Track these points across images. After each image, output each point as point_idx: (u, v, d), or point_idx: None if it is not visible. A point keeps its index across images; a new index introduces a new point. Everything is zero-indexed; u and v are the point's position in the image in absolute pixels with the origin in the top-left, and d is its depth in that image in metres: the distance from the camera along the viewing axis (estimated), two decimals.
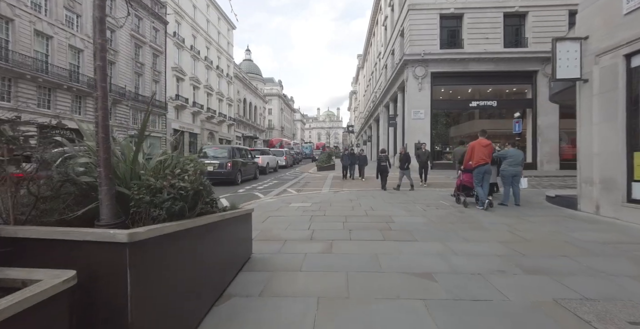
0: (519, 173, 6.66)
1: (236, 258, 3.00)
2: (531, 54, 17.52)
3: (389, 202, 7.01)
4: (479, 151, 6.19)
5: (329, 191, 9.64)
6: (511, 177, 6.63)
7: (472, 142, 6.29)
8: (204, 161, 11.10)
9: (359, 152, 13.60)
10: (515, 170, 6.61)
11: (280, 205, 6.74)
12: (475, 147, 6.24)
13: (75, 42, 20.99)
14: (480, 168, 6.15)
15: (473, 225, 4.71)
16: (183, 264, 1.94)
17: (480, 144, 6.28)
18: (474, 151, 6.21)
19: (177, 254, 1.89)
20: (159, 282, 1.64)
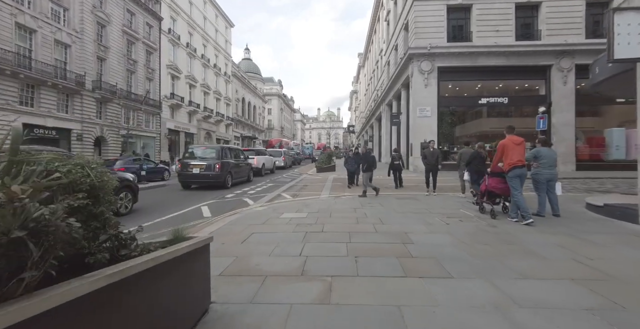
0: (554, 177, 5.55)
1: (177, 319, 1.86)
2: (545, 47, 16.38)
3: (401, 212, 5.86)
4: (513, 150, 5.09)
5: (329, 196, 8.50)
6: (546, 182, 5.50)
7: (503, 141, 5.23)
8: (190, 162, 10.01)
9: (366, 150, 9.96)
10: (550, 173, 5.49)
11: (270, 216, 5.60)
12: (507, 145, 5.14)
13: (62, 36, 19.89)
14: (517, 171, 5.04)
15: (518, 248, 3.56)
16: None
17: (512, 142, 5.17)
18: (506, 151, 5.11)
19: None
20: None
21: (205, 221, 5.66)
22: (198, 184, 10.74)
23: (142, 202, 7.78)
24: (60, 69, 19.87)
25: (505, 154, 5.09)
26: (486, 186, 5.56)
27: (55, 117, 19.38)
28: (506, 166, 5.14)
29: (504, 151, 5.13)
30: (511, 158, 5.06)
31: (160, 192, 10.20)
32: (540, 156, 5.54)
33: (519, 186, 5.08)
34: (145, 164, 11.69)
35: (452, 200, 7.49)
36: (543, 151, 5.59)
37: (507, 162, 5.09)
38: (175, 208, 6.96)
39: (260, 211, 6.22)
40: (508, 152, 5.06)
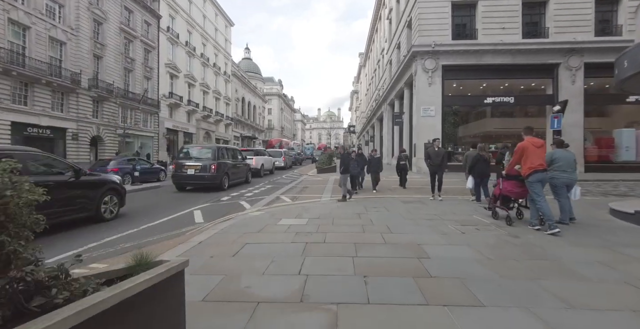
0: (573, 181, 5.06)
1: None
2: (552, 45, 15.91)
3: (410, 219, 5.38)
4: (534, 154, 4.65)
5: (330, 200, 8.03)
6: (565, 187, 5.02)
7: (522, 143, 4.81)
8: (185, 162, 9.54)
9: (371, 153, 9.66)
10: (568, 177, 5.00)
11: (267, 222, 5.12)
12: (527, 148, 4.70)
13: (57, 33, 19.44)
14: (538, 175, 4.58)
15: (553, 265, 3.09)
16: None
17: (533, 144, 4.72)
18: (527, 153, 4.67)
19: None
20: None
21: (196, 227, 5.18)
22: (193, 185, 10.26)
23: (132, 205, 7.31)
24: (55, 67, 19.41)
25: (525, 157, 4.67)
26: (500, 189, 5.14)
27: (49, 116, 18.92)
28: (526, 169, 4.65)
29: (523, 153, 4.71)
30: (532, 162, 4.61)
31: (154, 194, 9.72)
32: (556, 158, 5.08)
33: (541, 191, 4.63)
34: (138, 165, 11.20)
35: (462, 204, 7.00)
36: (558, 153, 5.14)
37: (528, 166, 4.64)
38: (166, 212, 6.49)
39: (257, 216, 5.74)
40: (528, 155, 4.63)
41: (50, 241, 4.18)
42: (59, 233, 4.67)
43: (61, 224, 4.78)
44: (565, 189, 5.04)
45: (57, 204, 4.53)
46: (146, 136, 28.30)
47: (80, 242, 4.27)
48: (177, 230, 5.01)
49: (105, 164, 12.03)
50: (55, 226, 4.68)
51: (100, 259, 3.54)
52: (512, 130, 19.61)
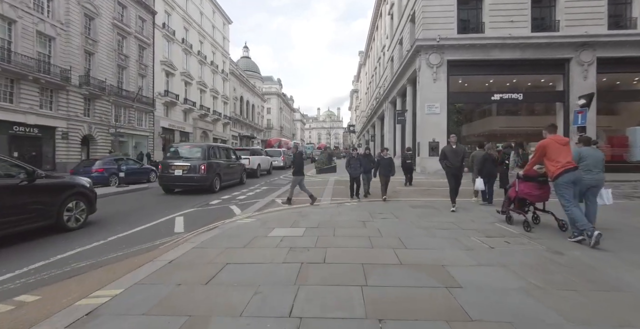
0: (600, 182, 4.40)
1: None
2: (563, 39, 15.15)
3: (424, 228, 4.62)
4: (559, 152, 4.07)
5: (330, 203, 7.26)
6: (586, 189, 4.34)
7: (543, 141, 4.27)
8: (172, 162, 8.78)
9: (381, 153, 8.02)
10: (593, 178, 4.32)
11: (256, 233, 4.36)
12: (549, 146, 4.13)
13: (45, 28, 18.64)
14: (569, 175, 3.94)
15: (628, 298, 2.32)
16: None
17: (557, 141, 4.17)
18: (549, 152, 4.11)
19: None
20: None
21: (174, 239, 4.42)
22: (181, 187, 9.49)
23: (109, 210, 6.56)
24: (44, 63, 18.62)
25: (549, 157, 4.13)
26: (516, 192, 4.64)
27: (37, 114, 18.12)
28: (555, 169, 4.02)
29: (544, 152, 4.16)
30: (558, 161, 4.01)
31: (138, 197, 8.94)
32: (584, 157, 4.40)
33: (571, 195, 3.96)
34: (124, 165, 10.42)
35: (477, 209, 6.24)
36: (585, 152, 4.47)
37: (554, 165, 4.04)
38: (145, 219, 5.72)
39: (246, 224, 4.97)
40: (552, 154, 4.09)
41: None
42: (5, 248, 3.90)
43: (11, 236, 4.02)
44: (592, 191, 4.36)
45: (3, 212, 3.76)
46: (141, 135, 27.51)
47: (26, 260, 3.50)
48: (150, 242, 4.25)
49: (91, 164, 11.27)
50: (3, 238, 3.92)
51: (38, 287, 2.77)
52: (519, 129, 18.89)
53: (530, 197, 4.52)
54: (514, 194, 4.71)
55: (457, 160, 6.05)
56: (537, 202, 4.64)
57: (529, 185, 4.47)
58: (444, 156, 6.29)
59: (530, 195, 4.48)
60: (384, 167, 7.53)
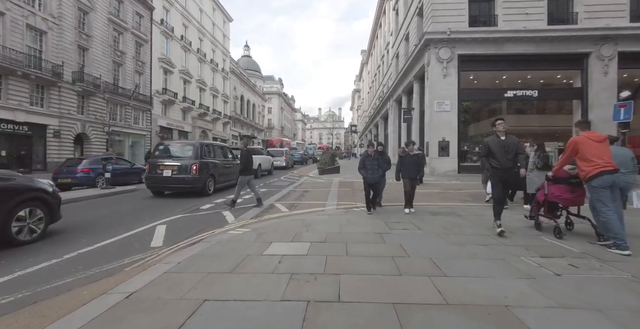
0: (630, 184, 4.13)
1: None
2: (582, 32, 14.22)
3: (458, 244, 3.74)
4: (595, 150, 3.56)
5: (337, 208, 6.40)
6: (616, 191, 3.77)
7: (576, 137, 3.83)
8: (160, 162, 7.93)
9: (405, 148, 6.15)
10: (622, 180, 3.88)
11: (249, 251, 3.48)
12: (582, 143, 3.64)
13: (36, 21, 17.86)
14: (606, 177, 3.45)
15: None
16: None
17: (592, 138, 3.64)
18: (583, 150, 3.62)
19: None
20: None
21: (147, 256, 3.56)
22: (170, 189, 8.62)
23: (84, 216, 5.71)
24: (35, 58, 17.84)
25: (582, 156, 3.68)
26: (545, 195, 4.22)
27: (27, 111, 17.33)
28: (590, 170, 3.54)
29: (577, 150, 3.70)
30: (593, 160, 3.53)
31: (122, 200, 8.08)
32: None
33: (609, 199, 3.48)
34: (110, 165, 9.57)
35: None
36: (613, 150, 3.90)
37: (589, 165, 3.57)
38: (120, 228, 4.86)
39: (238, 237, 4.10)
40: (586, 153, 3.63)
41: None
42: None
43: None
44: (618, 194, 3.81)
45: None
46: (137, 134, 26.71)
47: None
48: (116, 261, 3.39)
49: (76, 164, 10.42)
50: None
51: None
52: (530, 128, 17.99)
53: (562, 201, 4.09)
54: (542, 197, 4.26)
55: (508, 158, 4.23)
56: (570, 206, 4.20)
57: (560, 187, 4.06)
58: (487, 152, 4.34)
59: (562, 198, 4.06)
60: (410, 168, 5.79)
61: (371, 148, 5.90)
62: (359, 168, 5.79)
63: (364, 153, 5.70)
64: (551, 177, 4.14)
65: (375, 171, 5.66)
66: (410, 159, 5.84)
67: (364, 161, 5.78)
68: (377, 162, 5.73)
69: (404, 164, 5.86)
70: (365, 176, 5.67)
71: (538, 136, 17.55)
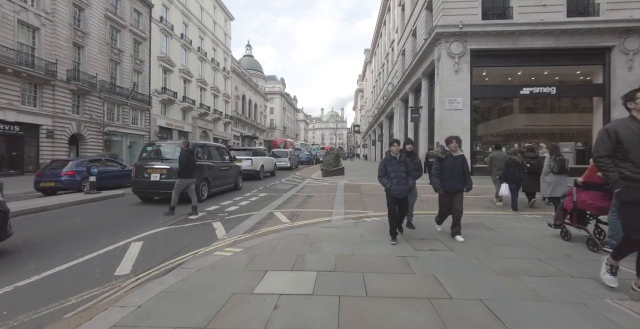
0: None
1: None
2: (604, 25, 13.29)
3: (508, 273, 2.88)
4: None
5: (345, 218, 5.56)
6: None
7: None
8: (147, 164, 7.14)
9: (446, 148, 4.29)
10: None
11: (236, 285, 2.64)
12: None
13: (28, 17, 17.17)
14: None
15: None
16: None
17: None
18: None
19: None
20: None
21: (103, 290, 2.74)
22: (159, 195, 7.82)
23: (50, 229, 4.91)
24: (27, 55, 17.15)
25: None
26: (574, 202, 3.87)
27: (18, 110, 16.62)
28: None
29: None
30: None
31: (104, 207, 7.27)
32: None
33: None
34: (94, 168, 8.78)
35: (534, 224, 4.46)
36: None
37: None
38: (86, 246, 4.05)
39: (225, 261, 3.26)
40: None
41: None
42: None
43: None
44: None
45: None
46: (136, 134, 25.99)
47: None
48: (56, 303, 2.56)
49: (60, 166, 9.65)
50: None
51: None
52: (544, 128, 17.07)
53: (595, 210, 3.74)
54: (571, 205, 3.93)
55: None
56: (602, 214, 3.80)
57: (593, 194, 3.70)
58: (613, 148, 2.53)
59: (595, 207, 3.69)
60: (454, 175, 4.04)
61: (396, 146, 4.07)
62: (380, 176, 4.11)
63: (387, 155, 4.10)
64: (581, 184, 3.79)
65: (402, 180, 3.98)
66: (454, 163, 4.08)
67: (385, 165, 4.06)
68: (404, 168, 4.02)
69: (444, 170, 4.10)
70: (389, 188, 3.95)
71: (553, 136, 16.66)
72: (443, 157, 4.16)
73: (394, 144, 4.11)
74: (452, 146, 4.14)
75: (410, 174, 4.08)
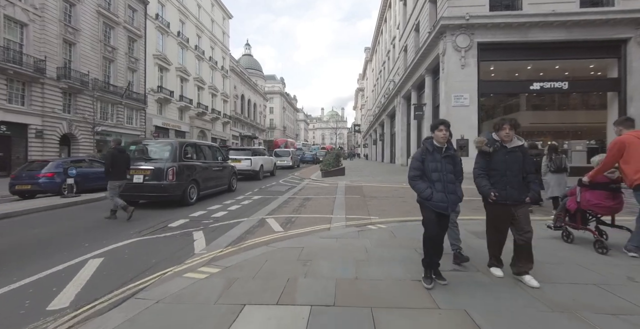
0: None
1: None
2: (620, 15, 12.53)
3: (573, 312, 2.14)
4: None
5: (346, 225, 4.86)
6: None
7: (621, 137, 3.34)
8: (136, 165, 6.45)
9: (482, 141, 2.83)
10: None
11: None
12: (631, 143, 3.18)
13: (15, 12, 16.49)
14: None
15: None
16: None
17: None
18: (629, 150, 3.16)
19: None
20: None
21: None
22: (143, 198, 7.12)
23: (4, 241, 4.19)
24: (14, 52, 16.48)
25: (628, 158, 3.21)
26: (578, 203, 3.67)
27: (5, 109, 15.96)
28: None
29: (623, 151, 3.23)
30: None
31: (78, 213, 6.55)
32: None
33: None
34: (72, 169, 8.06)
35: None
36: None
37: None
38: (32, 264, 3.35)
39: (194, 290, 2.55)
40: (634, 154, 3.18)
41: None
42: None
43: None
44: None
45: None
46: (131, 134, 25.24)
47: None
48: None
49: (39, 167, 8.94)
50: None
51: None
52: (552, 125, 16.39)
53: (601, 210, 3.56)
54: (574, 205, 3.72)
55: None
56: (607, 215, 3.65)
57: (599, 194, 3.49)
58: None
59: (601, 207, 3.51)
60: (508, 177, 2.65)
61: (443, 131, 2.58)
62: (413, 177, 2.63)
63: (425, 145, 2.67)
64: (587, 183, 3.54)
65: (450, 184, 2.56)
66: (509, 159, 2.65)
67: (424, 161, 2.62)
68: (452, 167, 2.61)
69: (493, 171, 2.71)
70: (430, 197, 2.52)
71: (562, 134, 15.93)
72: (490, 150, 2.69)
73: (439, 128, 2.58)
74: (503, 133, 2.64)
75: (458, 176, 2.65)
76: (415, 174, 2.64)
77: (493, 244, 2.84)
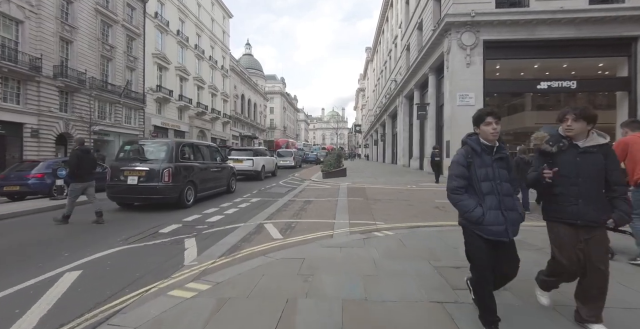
0: None
1: None
2: (631, 12, 12.17)
3: None
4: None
5: (350, 232, 4.50)
6: None
7: (625, 138, 3.29)
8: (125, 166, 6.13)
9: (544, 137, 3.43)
10: None
11: None
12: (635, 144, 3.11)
13: (10, 9, 16.16)
14: None
15: None
16: None
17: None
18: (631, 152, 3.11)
19: None
20: None
21: None
22: (138, 201, 6.78)
23: None
24: (9, 49, 16.15)
25: (632, 158, 3.15)
26: None
27: None
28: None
29: (626, 151, 3.16)
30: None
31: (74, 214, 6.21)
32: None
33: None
34: (62, 169, 7.73)
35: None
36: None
37: None
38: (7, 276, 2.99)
39: (175, 314, 2.19)
40: (636, 153, 3.12)
41: None
42: None
43: None
44: None
45: None
46: (129, 134, 24.91)
47: None
48: None
49: (29, 167, 8.61)
50: None
51: None
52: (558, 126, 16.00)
53: None
54: None
55: None
56: None
57: None
58: None
59: None
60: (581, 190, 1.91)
61: (493, 123, 1.88)
62: (455, 188, 1.94)
63: (466, 146, 1.98)
64: None
65: (508, 198, 1.89)
66: (584, 162, 1.93)
67: (470, 165, 1.93)
68: (506, 172, 1.94)
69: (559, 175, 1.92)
70: (481, 219, 1.83)
71: None
72: (553, 150, 1.99)
73: (486, 120, 1.89)
74: (565, 126, 2.00)
75: (514, 186, 1.97)
76: (460, 185, 1.91)
77: (556, 274, 2.07)
